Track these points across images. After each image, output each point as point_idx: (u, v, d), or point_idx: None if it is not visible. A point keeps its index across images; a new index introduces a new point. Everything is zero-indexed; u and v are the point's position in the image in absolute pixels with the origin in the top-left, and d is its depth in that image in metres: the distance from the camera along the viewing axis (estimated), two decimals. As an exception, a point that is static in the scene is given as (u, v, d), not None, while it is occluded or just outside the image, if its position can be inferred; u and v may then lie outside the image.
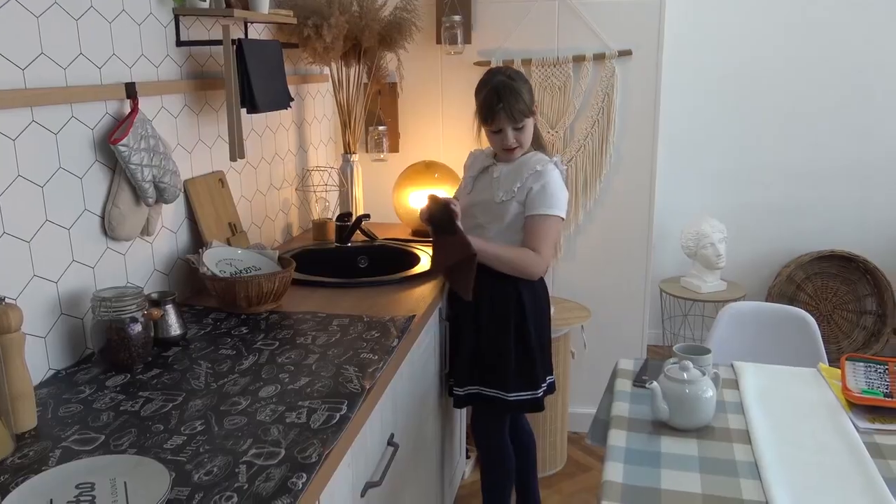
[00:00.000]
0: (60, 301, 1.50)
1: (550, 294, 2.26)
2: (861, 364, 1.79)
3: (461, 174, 2.35)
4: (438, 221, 2.03)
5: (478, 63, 2.91)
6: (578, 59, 2.85)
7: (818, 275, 3.88)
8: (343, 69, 2.70)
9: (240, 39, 1.95)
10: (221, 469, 1.12)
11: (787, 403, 1.69)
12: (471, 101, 2.16)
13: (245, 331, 1.73)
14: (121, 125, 1.63)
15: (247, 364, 1.53)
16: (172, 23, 1.87)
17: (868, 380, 1.73)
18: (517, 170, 2.09)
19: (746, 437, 1.55)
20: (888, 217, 3.82)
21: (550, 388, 2.23)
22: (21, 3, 1.37)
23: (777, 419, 1.61)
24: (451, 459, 2.54)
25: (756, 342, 2.22)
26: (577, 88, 2.89)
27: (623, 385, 1.81)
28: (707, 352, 1.72)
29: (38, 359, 1.44)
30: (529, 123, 2.09)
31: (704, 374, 1.61)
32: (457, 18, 2.82)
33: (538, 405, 2.17)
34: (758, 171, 3.87)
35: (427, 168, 2.80)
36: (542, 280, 2.19)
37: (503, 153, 2.13)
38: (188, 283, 1.99)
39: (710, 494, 1.34)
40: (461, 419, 2.69)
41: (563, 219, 2.10)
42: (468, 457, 2.87)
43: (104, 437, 1.22)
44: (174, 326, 1.65)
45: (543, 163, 2.08)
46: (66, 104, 1.50)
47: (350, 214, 2.57)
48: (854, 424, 1.58)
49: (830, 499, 1.32)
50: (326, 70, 2.84)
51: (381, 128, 2.95)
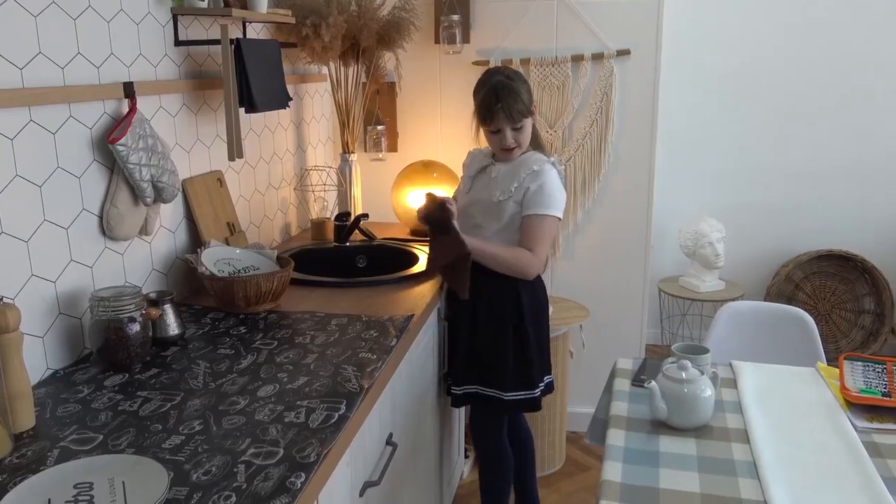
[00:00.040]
0: (58, 301, 1.50)
1: (549, 293, 2.26)
2: (859, 363, 1.79)
3: (460, 174, 2.35)
4: (434, 220, 2.03)
5: (476, 62, 2.91)
6: (577, 59, 2.85)
7: (816, 274, 3.88)
8: (341, 69, 2.70)
9: (238, 39, 1.94)
10: (220, 469, 1.12)
11: (786, 403, 1.69)
12: (469, 101, 2.15)
13: (243, 330, 1.73)
14: (119, 125, 1.63)
15: (245, 364, 1.53)
16: (171, 22, 1.87)
17: (866, 379, 1.73)
18: (515, 170, 2.09)
19: (745, 437, 1.55)
20: (887, 217, 3.82)
21: (548, 388, 2.23)
22: (19, 3, 1.37)
23: (775, 418, 1.61)
24: (450, 459, 2.54)
25: (754, 342, 2.22)
26: (576, 88, 2.89)
27: (622, 384, 1.82)
28: (705, 351, 1.72)
29: (37, 358, 1.44)
30: (528, 123, 2.09)
31: (703, 374, 1.61)
32: (455, 18, 2.82)
33: (535, 405, 2.17)
34: (757, 171, 3.87)
35: (425, 167, 2.79)
36: (541, 280, 2.19)
37: (501, 153, 2.13)
38: (186, 283, 1.99)
39: (709, 494, 1.34)
40: (460, 419, 2.69)
41: (560, 219, 2.10)
42: (467, 456, 2.87)
43: (102, 437, 1.22)
44: (172, 326, 1.65)
45: (541, 163, 2.07)
46: (64, 104, 1.50)
47: (348, 214, 2.57)
48: (852, 424, 1.59)
49: (829, 498, 1.32)
50: (325, 69, 2.84)
51: (380, 127, 2.95)
